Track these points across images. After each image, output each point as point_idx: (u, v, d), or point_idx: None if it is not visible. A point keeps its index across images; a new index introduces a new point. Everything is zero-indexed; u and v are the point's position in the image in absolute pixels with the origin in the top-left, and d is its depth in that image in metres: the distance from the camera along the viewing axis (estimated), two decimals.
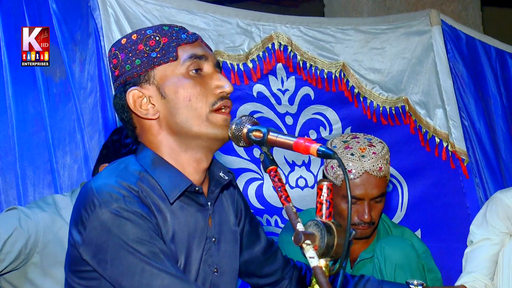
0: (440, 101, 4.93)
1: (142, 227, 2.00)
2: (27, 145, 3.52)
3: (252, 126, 2.08)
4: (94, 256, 2.02)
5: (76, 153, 3.60)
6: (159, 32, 2.14)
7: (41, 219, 2.94)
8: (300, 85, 4.57)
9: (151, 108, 2.15)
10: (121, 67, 2.15)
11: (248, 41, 4.36)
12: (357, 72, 4.72)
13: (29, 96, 3.55)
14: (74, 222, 2.07)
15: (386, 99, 4.78)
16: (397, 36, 4.92)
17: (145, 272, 1.96)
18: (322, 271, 1.74)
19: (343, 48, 4.71)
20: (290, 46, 4.49)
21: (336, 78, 4.64)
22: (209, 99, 2.13)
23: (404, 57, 4.92)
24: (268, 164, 1.98)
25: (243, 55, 4.33)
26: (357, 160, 3.24)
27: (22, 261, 2.91)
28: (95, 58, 3.74)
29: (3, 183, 3.48)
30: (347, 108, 4.69)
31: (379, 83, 4.79)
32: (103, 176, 2.13)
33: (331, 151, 1.90)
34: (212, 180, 2.28)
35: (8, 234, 2.85)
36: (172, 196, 2.12)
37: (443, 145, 4.88)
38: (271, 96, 4.47)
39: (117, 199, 2.01)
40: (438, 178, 4.86)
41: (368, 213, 3.26)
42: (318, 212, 1.92)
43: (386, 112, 4.77)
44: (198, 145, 2.16)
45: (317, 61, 4.58)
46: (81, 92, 3.66)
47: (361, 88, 4.71)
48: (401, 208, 4.74)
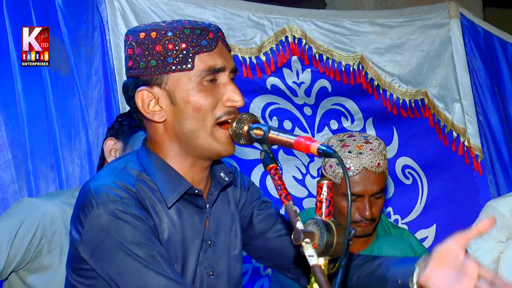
0: (457, 95, 4.88)
1: (140, 230, 2.00)
2: (38, 140, 3.55)
3: (253, 124, 2.06)
4: (91, 255, 2.03)
5: (80, 148, 3.62)
6: (179, 35, 2.07)
7: (49, 208, 2.94)
8: (316, 78, 4.54)
9: (159, 111, 2.12)
10: (135, 61, 2.11)
11: (260, 34, 4.35)
12: (376, 65, 4.69)
13: (37, 92, 3.58)
14: (74, 221, 2.08)
15: (406, 91, 4.75)
16: (415, 29, 4.88)
17: (142, 274, 1.97)
18: (321, 269, 1.73)
19: (361, 40, 4.68)
20: (305, 39, 4.47)
21: (354, 71, 4.61)
22: (217, 112, 2.10)
23: (422, 50, 4.87)
24: (268, 162, 1.96)
25: (255, 48, 4.32)
26: (355, 157, 3.21)
27: (33, 253, 2.93)
28: (100, 52, 3.75)
29: (15, 178, 3.52)
30: (367, 100, 4.67)
31: (398, 76, 4.76)
32: (102, 176, 2.13)
33: (332, 150, 1.88)
34: (213, 180, 2.27)
35: (16, 230, 2.87)
36: (170, 200, 2.11)
37: (460, 140, 4.83)
38: (286, 89, 4.45)
39: (115, 201, 2.01)
40: (454, 173, 4.82)
41: (369, 209, 3.22)
42: (318, 210, 1.90)
43: (406, 105, 4.74)
44: (200, 154, 2.14)
45: (334, 54, 4.55)
46: (86, 86, 3.67)
47: (380, 81, 4.69)
48: (420, 202, 4.70)
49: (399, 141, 4.71)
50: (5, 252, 2.86)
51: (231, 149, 2.13)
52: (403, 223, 4.63)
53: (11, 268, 2.91)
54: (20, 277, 2.97)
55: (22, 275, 2.97)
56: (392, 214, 4.64)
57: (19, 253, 2.88)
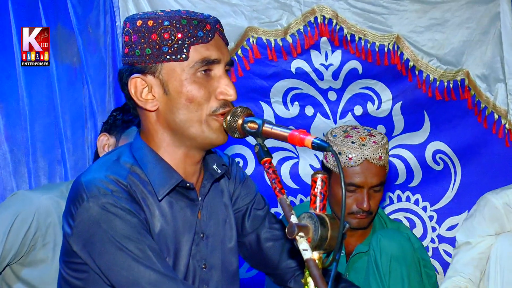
0: (502, 75, 4.66)
1: (130, 223, 2.04)
2: (40, 135, 3.62)
3: (247, 117, 2.09)
4: (82, 248, 2.08)
5: (87, 138, 3.66)
6: (176, 25, 2.09)
7: (43, 201, 3.01)
8: (346, 59, 4.44)
9: (151, 99, 2.15)
10: (131, 48, 2.13)
11: (287, 15, 4.26)
12: (413, 45, 4.53)
13: (42, 85, 3.63)
14: (65, 215, 2.13)
15: (444, 72, 4.58)
16: (461, 5, 4.65)
17: (132, 268, 2.02)
18: (315, 263, 1.75)
19: (398, 19, 4.51)
20: (336, 19, 4.35)
21: (389, 51, 4.47)
22: (211, 104, 2.13)
23: (468, 27, 4.65)
24: (262, 156, 1.99)
25: (281, 30, 4.25)
26: (357, 148, 3.28)
27: (27, 247, 3.00)
28: (110, 37, 3.76)
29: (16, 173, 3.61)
30: (400, 82, 4.55)
31: (437, 56, 4.58)
32: (93, 169, 2.17)
33: (326, 143, 1.90)
34: (206, 173, 2.29)
35: (11, 223, 2.94)
36: (161, 193, 2.14)
37: (501, 122, 4.62)
38: (312, 72, 4.38)
39: (105, 194, 2.05)
40: (493, 157, 4.63)
41: (367, 202, 3.28)
42: (312, 204, 1.92)
43: (443, 86, 4.58)
44: (192, 144, 2.17)
45: (367, 34, 4.43)
46: (94, 74, 3.70)
47: (416, 61, 4.53)
48: (452, 188, 4.57)
49: (431, 126, 4.58)
50: (0, 245, 2.93)
51: (223, 137, 2.16)
52: (431, 210, 4.54)
53: (6, 262, 2.98)
54: (14, 272, 3.04)
55: (16, 269, 3.04)
56: (421, 201, 4.56)
57: (14, 246, 2.95)
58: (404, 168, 4.55)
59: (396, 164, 4.54)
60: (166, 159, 2.17)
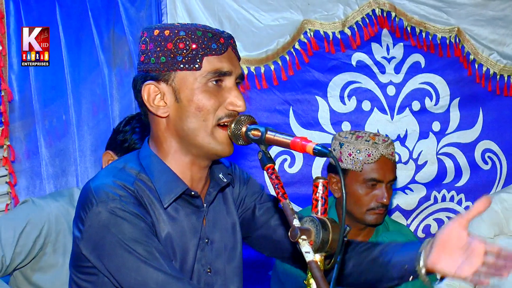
0: None
1: (138, 227, 2.10)
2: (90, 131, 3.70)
3: (251, 125, 2.14)
4: (92, 252, 2.13)
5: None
6: (191, 35, 2.16)
7: (54, 209, 3.10)
8: (409, 52, 4.41)
9: (163, 106, 2.20)
10: (147, 56, 2.20)
11: (343, 8, 4.22)
12: (473, 38, 4.49)
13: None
14: (75, 220, 2.19)
15: (505, 66, 4.55)
16: None
17: (140, 270, 2.07)
18: (317, 265, 1.82)
19: (457, 12, 4.46)
20: (394, 12, 4.30)
21: (451, 44, 4.43)
22: (218, 113, 2.17)
23: None
24: (266, 162, 2.04)
25: (338, 23, 4.19)
26: (372, 145, 3.43)
27: (37, 252, 3.08)
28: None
29: (62, 169, 3.69)
30: (459, 77, 4.51)
31: (498, 50, 4.54)
32: (101, 176, 2.22)
33: (327, 150, 1.95)
34: (212, 181, 2.34)
35: (22, 227, 3.03)
36: (166, 201, 2.20)
37: None
38: (374, 65, 4.34)
39: (114, 199, 2.10)
40: None
41: (388, 195, 3.42)
42: (314, 208, 1.99)
43: (503, 81, 4.56)
44: (199, 152, 2.22)
45: (428, 26, 4.38)
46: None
47: (477, 55, 4.50)
48: (496, 187, 4.58)
49: (483, 123, 4.55)
50: (11, 247, 3.01)
51: (229, 149, 2.21)
52: None
53: (15, 264, 3.07)
54: (25, 276, 3.14)
55: (27, 274, 3.14)
56: (464, 201, 4.54)
57: (24, 250, 3.05)
58: (453, 167, 4.52)
59: (446, 163, 4.50)
60: (173, 165, 2.23)
